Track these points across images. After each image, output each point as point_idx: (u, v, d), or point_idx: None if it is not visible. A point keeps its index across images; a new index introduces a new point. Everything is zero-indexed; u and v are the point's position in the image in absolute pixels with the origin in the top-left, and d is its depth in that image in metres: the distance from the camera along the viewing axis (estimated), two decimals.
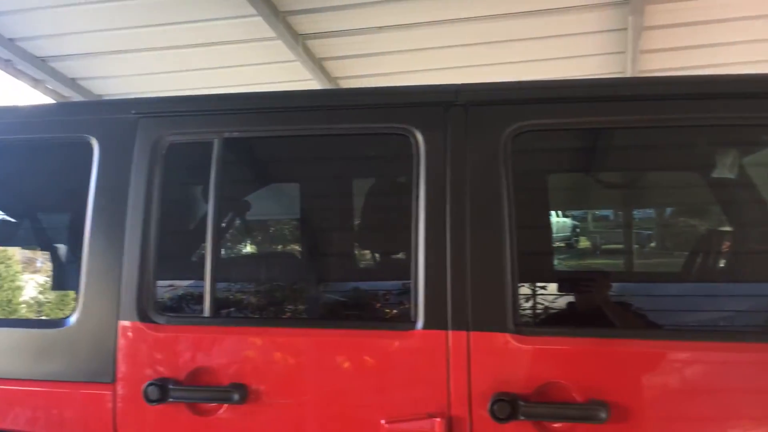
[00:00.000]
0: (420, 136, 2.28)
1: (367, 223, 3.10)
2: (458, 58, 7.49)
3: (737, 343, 2.07)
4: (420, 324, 2.15)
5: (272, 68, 7.68)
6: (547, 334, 2.16)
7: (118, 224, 2.39)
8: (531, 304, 2.71)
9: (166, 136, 2.45)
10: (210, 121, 2.46)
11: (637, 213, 3.94)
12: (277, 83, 7.88)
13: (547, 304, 2.67)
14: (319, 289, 2.91)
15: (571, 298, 2.68)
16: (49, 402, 2.36)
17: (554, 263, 3.36)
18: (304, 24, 6.85)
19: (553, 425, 2.03)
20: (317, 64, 7.61)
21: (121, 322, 2.32)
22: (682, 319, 2.52)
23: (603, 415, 1.98)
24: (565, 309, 2.64)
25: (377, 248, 3.20)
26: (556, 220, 4.30)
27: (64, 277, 3.46)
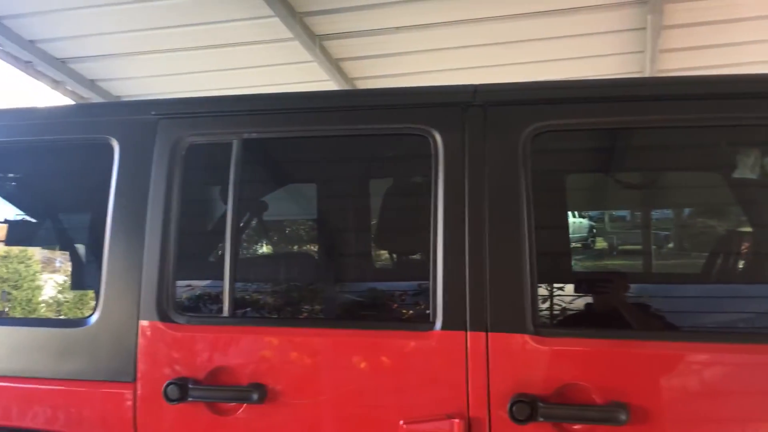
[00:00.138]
0: (438, 137, 2.28)
1: (386, 224, 3.10)
2: (475, 58, 7.46)
3: (758, 345, 2.05)
4: (439, 325, 2.15)
5: (289, 69, 7.69)
6: (567, 335, 2.16)
7: (139, 224, 2.41)
8: (550, 305, 2.70)
9: (185, 136, 2.47)
10: (229, 121, 2.47)
11: (656, 213, 3.90)
12: (294, 84, 7.88)
13: (565, 305, 2.66)
14: (338, 289, 2.91)
15: (589, 299, 2.66)
16: (69, 401, 2.39)
17: (573, 264, 3.34)
18: (321, 25, 6.86)
19: (572, 427, 2.02)
20: (334, 64, 7.61)
21: (141, 322, 2.35)
22: (702, 321, 2.50)
23: (623, 417, 1.97)
24: (584, 310, 2.62)
25: (396, 249, 3.20)
26: (574, 220, 4.27)
27: (83, 277, 3.48)
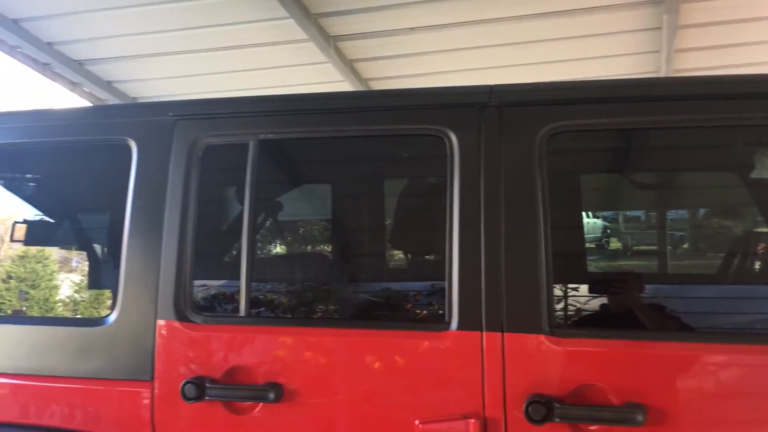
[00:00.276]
0: (454, 137, 2.28)
1: (401, 224, 3.10)
2: (490, 59, 7.45)
3: None
4: (454, 325, 2.15)
5: (304, 70, 7.72)
6: (582, 336, 2.15)
7: (156, 225, 2.43)
8: (566, 306, 2.69)
9: (202, 137, 2.48)
10: (246, 122, 2.48)
11: (672, 214, 3.89)
12: (309, 85, 7.90)
13: (581, 305, 2.65)
14: (354, 289, 2.91)
15: (605, 300, 2.65)
16: (87, 399, 2.40)
17: (588, 264, 3.33)
18: (336, 26, 6.88)
19: (589, 428, 2.01)
20: (348, 65, 7.63)
21: (158, 322, 2.36)
22: (719, 322, 2.49)
23: (640, 418, 1.96)
24: (600, 310, 2.62)
25: (411, 249, 3.20)
26: (590, 221, 4.26)
27: (100, 277, 3.51)
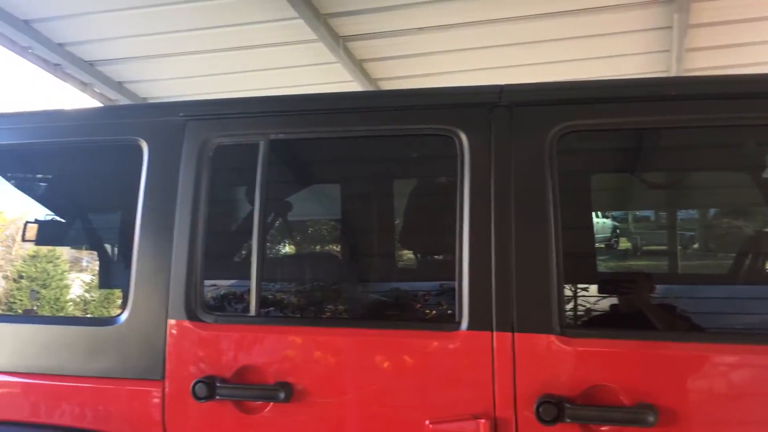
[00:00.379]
0: (464, 137, 2.28)
1: (412, 224, 3.10)
2: (500, 59, 7.45)
3: None
4: (464, 325, 2.15)
5: (313, 70, 7.73)
6: (594, 336, 2.14)
7: (167, 225, 2.44)
8: (576, 306, 2.68)
9: (213, 137, 2.49)
10: (256, 123, 2.49)
11: (684, 214, 3.87)
12: (318, 85, 7.91)
13: (592, 305, 2.64)
14: (364, 289, 2.91)
15: (616, 300, 2.64)
16: (98, 398, 2.41)
17: (599, 264, 3.32)
18: (345, 26, 6.89)
19: (599, 428, 2.01)
20: (358, 65, 7.64)
21: (169, 321, 2.37)
22: (730, 322, 2.47)
23: (651, 418, 1.95)
24: (611, 311, 2.61)
25: (422, 249, 3.20)
26: (600, 220, 4.25)
27: (110, 276, 3.52)
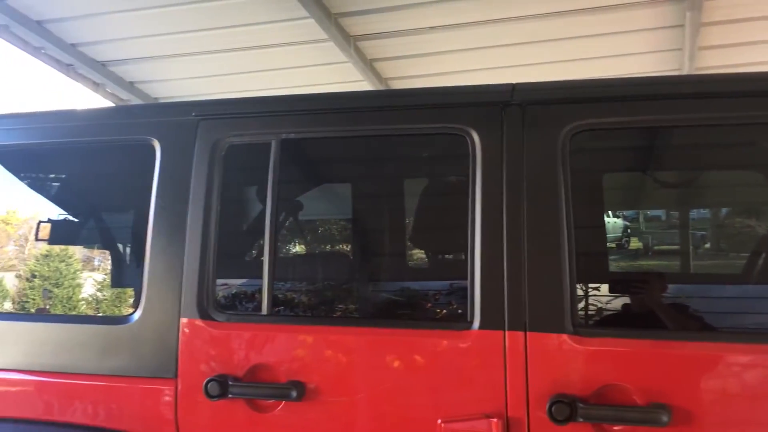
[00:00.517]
0: (476, 136, 2.28)
1: (424, 224, 3.10)
2: (511, 58, 7.42)
3: None
4: (476, 324, 2.15)
5: (324, 70, 7.73)
6: (606, 336, 2.13)
7: (180, 224, 2.45)
8: (589, 305, 2.67)
9: (225, 137, 2.50)
10: (268, 122, 2.50)
11: (697, 213, 3.85)
12: (329, 85, 7.92)
13: (605, 305, 2.63)
14: (377, 288, 2.91)
15: (629, 300, 2.63)
16: (112, 396, 2.43)
17: (612, 264, 3.30)
18: (356, 25, 6.89)
19: (612, 428, 2.00)
20: (368, 65, 7.63)
21: (182, 320, 2.38)
22: (744, 322, 2.46)
23: (664, 418, 1.94)
24: (624, 310, 2.60)
25: (433, 248, 3.19)
26: (613, 220, 4.23)
27: (123, 275, 3.54)
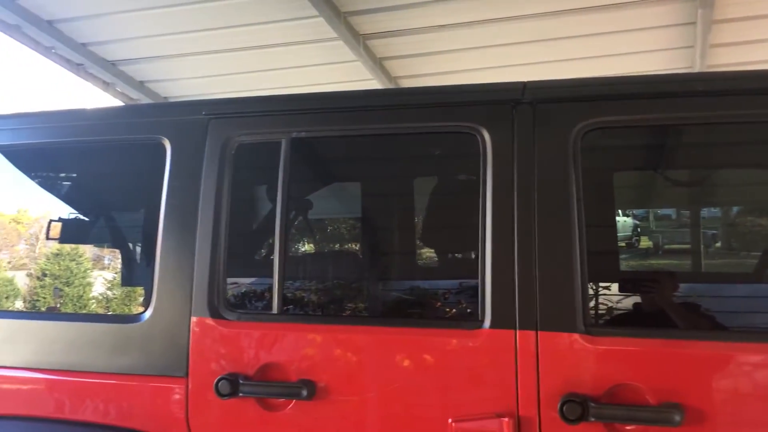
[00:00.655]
0: (487, 135, 2.27)
1: (434, 222, 3.09)
2: (521, 56, 7.41)
3: None
4: (488, 323, 2.14)
5: (333, 69, 7.74)
6: (618, 335, 2.12)
7: (190, 223, 2.45)
8: (601, 304, 2.66)
9: (235, 136, 2.50)
10: (278, 121, 2.50)
11: (709, 212, 3.83)
12: (338, 83, 7.94)
13: (617, 304, 2.62)
14: (388, 287, 2.91)
15: (640, 299, 2.62)
16: (122, 395, 2.44)
17: (624, 263, 3.29)
18: (365, 24, 6.89)
19: (625, 428, 1.99)
20: (378, 63, 7.63)
21: (193, 319, 2.38)
22: (758, 321, 2.44)
23: (677, 418, 1.93)
24: (636, 309, 2.58)
25: (444, 247, 3.19)
26: (625, 218, 4.21)
27: (133, 274, 3.55)
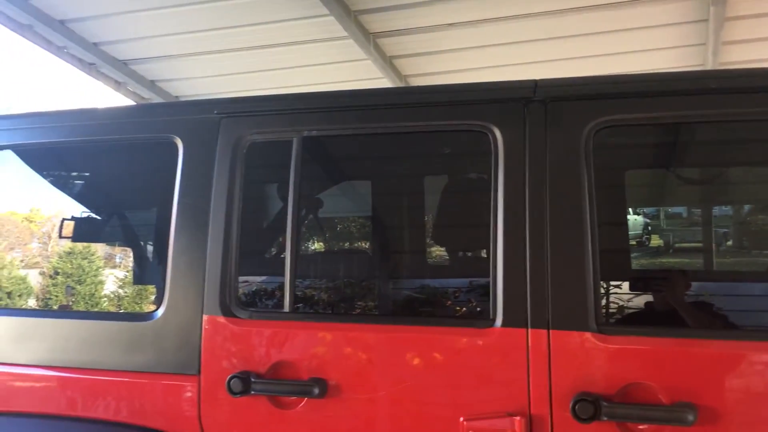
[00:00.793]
0: (498, 133, 2.26)
1: (445, 221, 3.09)
2: (532, 54, 7.39)
3: None
4: (499, 322, 2.14)
5: (344, 67, 7.75)
6: (631, 334, 2.11)
7: (202, 222, 2.46)
8: (613, 303, 2.65)
9: (247, 135, 2.50)
10: (290, 119, 2.50)
11: (721, 210, 3.80)
12: (349, 82, 7.95)
13: (629, 302, 2.61)
14: (399, 286, 2.91)
15: (652, 297, 2.61)
16: (135, 392, 2.45)
17: (636, 261, 3.28)
18: (376, 23, 6.89)
19: (637, 427, 1.99)
20: (388, 62, 7.64)
21: (205, 317, 2.39)
22: None
23: (690, 417, 1.92)
24: (648, 308, 2.57)
25: (455, 246, 3.18)
26: (637, 217, 4.20)
27: (145, 273, 3.57)
